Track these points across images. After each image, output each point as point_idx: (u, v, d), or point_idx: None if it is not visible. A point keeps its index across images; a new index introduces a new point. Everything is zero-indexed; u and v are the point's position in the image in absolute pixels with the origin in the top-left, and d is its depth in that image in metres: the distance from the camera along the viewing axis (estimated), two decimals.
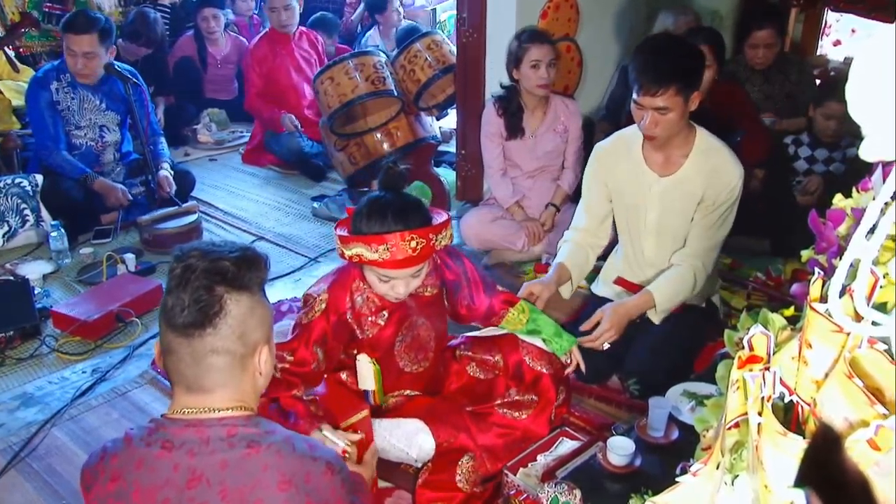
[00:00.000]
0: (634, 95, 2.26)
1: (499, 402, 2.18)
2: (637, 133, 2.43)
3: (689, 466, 1.25)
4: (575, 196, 3.36)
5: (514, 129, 3.30)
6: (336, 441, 1.77)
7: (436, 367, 2.17)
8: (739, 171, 2.36)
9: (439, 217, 1.88)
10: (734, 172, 2.35)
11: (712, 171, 2.36)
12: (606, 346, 2.33)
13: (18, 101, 4.07)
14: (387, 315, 2.00)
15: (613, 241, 2.72)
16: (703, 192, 2.38)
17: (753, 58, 3.66)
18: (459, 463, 2.00)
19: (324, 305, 1.92)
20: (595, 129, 3.77)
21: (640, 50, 2.32)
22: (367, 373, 2.03)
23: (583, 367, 2.27)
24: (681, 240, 2.47)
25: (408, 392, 2.16)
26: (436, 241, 1.83)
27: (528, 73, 3.15)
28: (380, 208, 1.82)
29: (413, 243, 1.78)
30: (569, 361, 2.25)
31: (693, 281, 2.39)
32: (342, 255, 1.86)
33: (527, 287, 2.39)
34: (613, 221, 2.62)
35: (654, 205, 2.45)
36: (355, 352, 2.05)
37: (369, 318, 1.98)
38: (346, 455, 1.74)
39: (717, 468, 1.19)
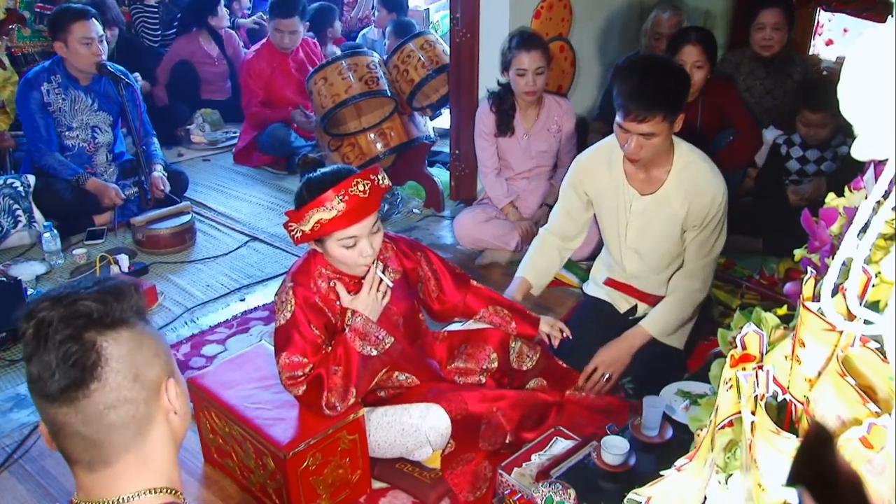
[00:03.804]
0: (619, 119, 2.21)
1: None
2: (619, 147, 2.41)
3: None
4: None
5: (505, 126, 3.31)
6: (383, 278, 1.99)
7: (410, 350, 2.17)
8: (721, 185, 2.31)
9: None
10: (716, 187, 2.30)
11: (693, 188, 2.31)
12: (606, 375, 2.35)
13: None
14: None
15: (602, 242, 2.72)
16: (686, 211, 2.33)
17: (760, 41, 3.56)
18: (480, 431, 2.05)
19: (292, 292, 1.95)
20: (589, 129, 3.78)
21: (624, 73, 2.23)
22: None
23: (567, 333, 2.34)
24: (661, 258, 2.45)
25: (397, 374, 2.15)
26: (378, 181, 1.91)
27: (514, 79, 3.16)
28: (317, 182, 1.90)
29: (361, 186, 1.85)
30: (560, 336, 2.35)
31: (691, 306, 2.39)
32: (301, 239, 1.90)
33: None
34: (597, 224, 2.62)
35: (634, 222, 2.42)
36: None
37: (336, 303, 2.01)
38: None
39: (705, 465, 1.19)
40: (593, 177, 2.46)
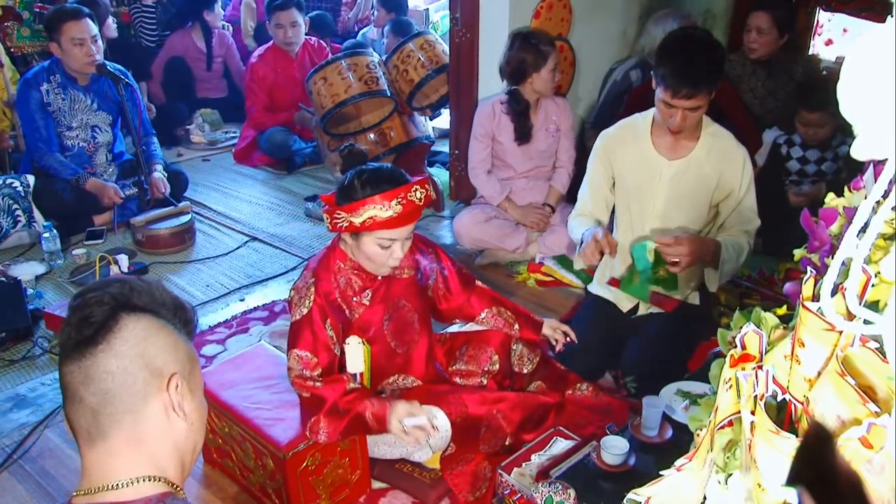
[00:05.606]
0: (664, 96, 2.26)
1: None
2: (645, 118, 2.44)
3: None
4: (570, 196, 3.37)
5: (525, 132, 3.28)
6: (421, 425, 1.92)
7: (424, 349, 2.19)
8: (745, 151, 2.42)
9: (418, 175, 1.96)
10: (743, 152, 2.41)
11: (723, 155, 2.39)
12: (675, 259, 2.27)
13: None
14: (370, 294, 2.04)
15: None
16: (718, 177, 2.40)
17: (747, 42, 3.59)
18: (480, 433, 2.08)
19: (313, 288, 1.94)
20: (586, 135, 3.78)
21: (670, 53, 2.26)
22: (356, 354, 2.03)
23: (571, 336, 2.32)
24: (686, 228, 2.46)
25: (402, 378, 2.17)
26: (430, 190, 1.94)
27: (548, 76, 3.16)
28: (371, 177, 1.87)
29: (418, 193, 1.88)
30: (565, 340, 2.33)
31: (742, 249, 2.39)
32: (345, 229, 1.88)
33: (602, 240, 2.33)
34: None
35: (663, 190, 2.45)
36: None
37: (354, 299, 2.01)
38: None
39: (704, 465, 1.19)
40: (620, 148, 2.51)
